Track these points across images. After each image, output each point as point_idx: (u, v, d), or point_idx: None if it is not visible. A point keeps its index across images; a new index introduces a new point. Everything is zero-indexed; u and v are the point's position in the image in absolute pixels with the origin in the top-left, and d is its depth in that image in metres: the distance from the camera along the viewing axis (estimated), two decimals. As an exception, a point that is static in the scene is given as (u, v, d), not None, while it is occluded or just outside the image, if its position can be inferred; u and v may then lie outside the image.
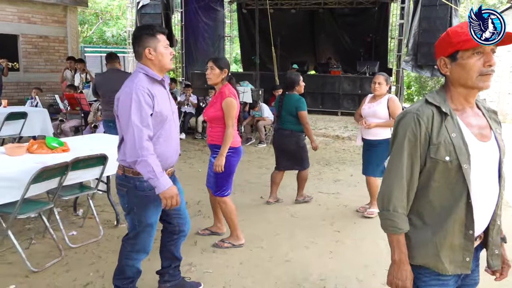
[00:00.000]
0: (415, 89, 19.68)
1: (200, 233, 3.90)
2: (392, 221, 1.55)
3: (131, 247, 2.56)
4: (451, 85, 1.56)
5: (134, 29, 2.36)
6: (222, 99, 3.37)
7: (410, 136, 1.50)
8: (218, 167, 3.38)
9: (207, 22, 15.54)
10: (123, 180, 2.43)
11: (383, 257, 3.51)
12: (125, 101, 2.28)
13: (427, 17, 12.05)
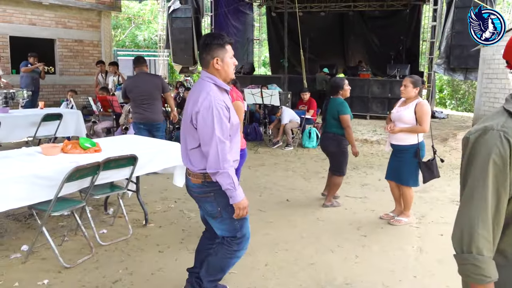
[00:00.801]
0: (447, 93, 19.18)
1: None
2: (476, 267, 1.26)
3: (238, 246, 2.61)
4: None
5: (204, 36, 2.50)
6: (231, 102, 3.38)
7: (496, 159, 1.23)
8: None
9: (237, 25, 15.69)
10: (207, 187, 2.46)
11: (410, 263, 3.45)
12: (207, 115, 2.33)
13: (461, 19, 11.74)
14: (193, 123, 2.38)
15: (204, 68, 2.46)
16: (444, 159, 7.35)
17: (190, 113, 2.40)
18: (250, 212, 4.58)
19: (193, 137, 2.42)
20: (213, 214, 2.53)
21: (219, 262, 2.65)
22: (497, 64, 10.14)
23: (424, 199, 5.13)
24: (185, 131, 2.49)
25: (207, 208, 2.53)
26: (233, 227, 2.55)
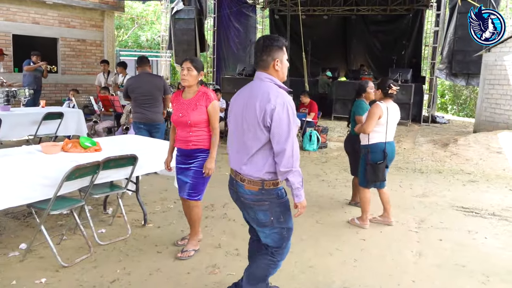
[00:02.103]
0: (449, 98, 19.17)
1: (179, 243, 3.69)
2: None
3: (281, 256, 2.60)
4: None
5: (263, 38, 2.48)
6: (208, 102, 3.34)
7: None
8: (211, 170, 3.39)
9: (238, 27, 15.73)
10: (263, 195, 2.42)
11: (409, 268, 3.44)
12: (282, 112, 2.31)
13: (463, 24, 11.74)
14: (263, 123, 2.33)
15: (261, 69, 2.44)
16: (445, 164, 7.36)
17: (257, 113, 2.33)
18: (249, 214, 4.57)
19: (258, 139, 2.36)
20: (265, 223, 2.48)
21: (261, 271, 2.63)
22: (499, 70, 10.13)
23: (424, 204, 5.12)
24: (241, 135, 2.43)
25: (259, 216, 2.47)
26: (282, 236, 2.53)
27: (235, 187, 2.52)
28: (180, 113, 3.38)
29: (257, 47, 2.45)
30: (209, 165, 3.38)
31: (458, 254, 3.72)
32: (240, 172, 2.45)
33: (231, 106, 2.56)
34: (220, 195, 5.21)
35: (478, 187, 6.03)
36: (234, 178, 2.51)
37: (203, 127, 3.36)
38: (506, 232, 4.27)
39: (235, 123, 2.49)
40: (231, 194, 2.62)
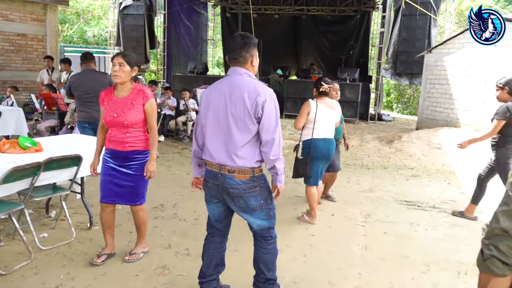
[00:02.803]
0: (394, 97, 19.99)
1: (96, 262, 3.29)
2: None
3: (274, 235, 2.85)
4: None
5: (240, 35, 2.55)
6: (145, 100, 3.14)
7: None
8: (153, 172, 3.18)
9: (189, 25, 15.54)
10: (254, 182, 2.55)
11: (356, 261, 3.56)
12: (271, 104, 2.46)
13: (407, 26, 12.31)
14: (254, 115, 2.43)
15: (239, 65, 2.54)
16: (389, 159, 7.66)
17: (247, 106, 2.42)
18: (201, 213, 4.54)
19: (248, 131, 2.47)
20: (255, 207, 2.61)
21: (272, 257, 2.85)
22: (439, 70, 10.69)
23: (370, 199, 5.30)
24: (227, 129, 2.48)
25: (251, 202, 2.58)
26: (269, 215, 2.72)
27: (219, 181, 2.54)
28: (114, 112, 3.11)
29: (235, 44, 2.52)
30: (151, 167, 3.18)
31: (401, 246, 3.89)
32: (228, 165, 2.50)
33: (206, 102, 2.57)
34: (170, 195, 5.13)
35: (420, 181, 6.33)
36: (219, 171, 2.53)
37: (140, 127, 3.16)
38: (445, 224, 4.52)
39: (216, 118, 2.52)
40: (210, 188, 2.62)
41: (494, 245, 1.15)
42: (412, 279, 3.28)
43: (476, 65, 9.64)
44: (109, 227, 3.35)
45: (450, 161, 7.49)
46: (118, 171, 3.19)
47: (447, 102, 10.46)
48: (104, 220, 3.32)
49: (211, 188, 2.62)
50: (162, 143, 8.39)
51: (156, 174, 3.30)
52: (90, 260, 3.30)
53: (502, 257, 1.13)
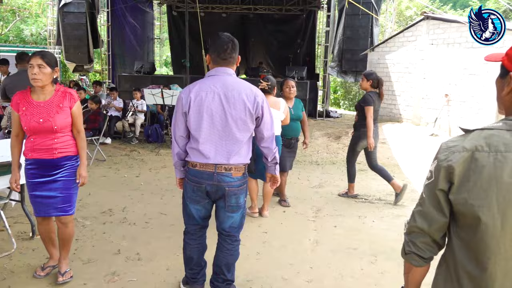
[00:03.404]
0: (341, 94, 20.60)
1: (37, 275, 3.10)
2: None
3: (239, 241, 2.87)
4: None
5: (228, 36, 2.60)
6: (73, 103, 2.91)
7: None
8: (86, 178, 2.99)
9: (135, 23, 15.14)
10: (244, 178, 2.68)
11: (307, 256, 3.63)
12: (266, 103, 2.62)
13: (351, 25, 12.71)
14: (256, 114, 2.57)
15: (227, 65, 2.59)
16: (338, 155, 7.88)
17: (248, 106, 2.52)
18: (151, 216, 4.45)
19: (248, 130, 2.58)
20: (241, 204, 2.71)
21: (235, 258, 2.85)
22: (381, 68, 11.14)
23: (320, 194, 5.44)
24: (227, 129, 2.53)
25: (241, 200, 2.68)
26: (243, 214, 2.80)
27: (215, 180, 2.57)
28: (40, 117, 2.80)
29: (226, 44, 2.56)
30: (84, 172, 2.97)
31: (350, 238, 4.02)
32: (225, 163, 2.56)
33: (196, 105, 2.51)
34: (119, 199, 4.99)
35: (366, 175, 6.57)
36: (214, 171, 2.56)
37: (68, 132, 2.93)
38: (390, 215, 4.72)
39: (211, 119, 2.52)
40: (202, 189, 2.61)
41: (412, 242, 1.28)
42: (361, 269, 3.40)
43: (416, 63, 10.14)
44: (50, 238, 3.14)
45: (394, 154, 7.83)
46: (46, 182, 2.90)
47: (390, 98, 10.94)
48: (43, 233, 3.11)
49: (203, 189, 2.61)
50: (109, 146, 8.13)
51: (105, 178, 3.18)
52: (33, 272, 3.13)
53: (419, 252, 1.27)
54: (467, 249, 1.20)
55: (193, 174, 2.61)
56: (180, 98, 2.59)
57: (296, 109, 4.84)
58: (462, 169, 1.16)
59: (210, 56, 2.60)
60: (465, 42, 8.70)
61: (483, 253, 1.16)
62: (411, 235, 1.30)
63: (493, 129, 1.18)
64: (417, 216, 1.27)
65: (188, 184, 2.67)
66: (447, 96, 9.14)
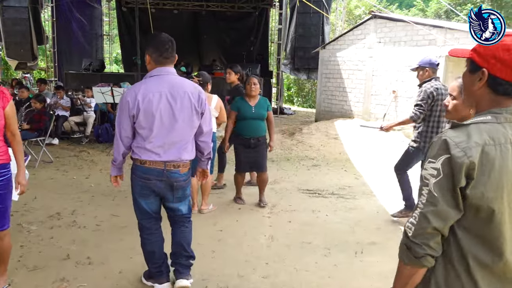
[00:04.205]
0: (294, 91, 20.90)
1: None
2: None
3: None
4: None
5: (167, 36, 2.64)
6: (6, 103, 2.62)
7: None
8: (25, 186, 2.77)
9: (82, 19, 14.56)
10: (189, 172, 2.83)
11: (263, 252, 3.66)
12: (206, 98, 2.76)
13: (302, 23, 12.91)
14: (201, 110, 2.70)
15: (169, 64, 2.66)
16: (292, 151, 8.01)
17: (194, 103, 2.64)
18: (102, 218, 4.32)
19: (194, 126, 2.71)
20: (187, 194, 2.89)
21: (191, 234, 3.02)
22: (333, 65, 11.41)
23: (275, 190, 5.49)
24: (177, 127, 2.61)
25: (187, 191, 2.87)
26: (189, 198, 2.98)
27: (165, 177, 2.67)
28: None
29: (168, 44, 2.61)
30: (23, 180, 2.73)
31: (304, 233, 4.09)
32: (175, 161, 2.66)
33: (145, 106, 2.54)
34: (67, 201, 4.80)
35: (320, 170, 6.72)
36: (164, 168, 2.65)
37: (0, 136, 2.63)
38: (343, 208, 4.85)
39: (159, 119, 2.57)
40: (151, 185, 2.69)
41: (426, 244, 1.23)
42: (316, 263, 3.47)
43: (365, 60, 10.46)
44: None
45: (345, 149, 8.06)
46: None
47: (341, 95, 11.22)
48: None
49: (152, 185, 2.69)
50: (56, 147, 7.78)
51: (52, 180, 3.04)
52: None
53: (433, 253, 1.24)
54: (478, 239, 1.22)
55: (142, 171, 2.68)
56: (125, 101, 2.59)
57: (258, 108, 4.65)
58: (479, 164, 1.17)
59: (151, 56, 2.62)
60: (410, 40, 9.08)
61: (497, 240, 1.20)
62: (423, 236, 1.23)
63: (488, 123, 1.22)
64: (430, 216, 1.21)
65: (136, 180, 2.73)
66: (395, 93, 9.51)
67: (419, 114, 4.14)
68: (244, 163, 4.75)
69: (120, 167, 2.85)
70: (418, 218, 1.24)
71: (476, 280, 1.23)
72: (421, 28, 8.53)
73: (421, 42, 8.71)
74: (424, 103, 4.12)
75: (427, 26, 8.69)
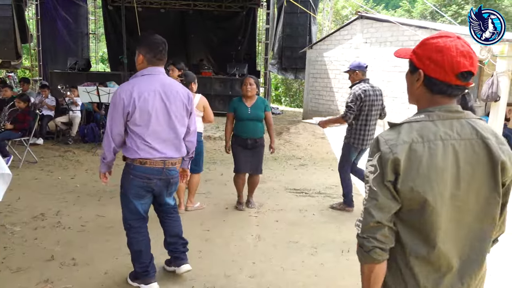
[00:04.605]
0: (282, 91, 20.94)
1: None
2: None
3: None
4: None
5: (161, 37, 2.78)
6: None
7: None
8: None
9: (68, 17, 14.37)
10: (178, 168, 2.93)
11: (250, 251, 3.66)
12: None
13: (290, 23, 12.95)
14: (190, 109, 2.83)
15: (161, 64, 2.75)
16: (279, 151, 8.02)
17: (185, 102, 2.77)
18: (88, 219, 4.28)
19: (185, 124, 2.83)
20: (176, 186, 3.01)
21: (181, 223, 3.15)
22: (320, 65, 11.47)
23: (262, 190, 5.49)
24: (172, 125, 2.72)
25: (177, 184, 2.99)
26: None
27: (163, 175, 2.77)
28: None
29: (161, 46, 2.72)
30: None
31: (291, 232, 4.10)
32: (173, 157, 2.78)
33: (141, 104, 2.61)
34: (52, 202, 4.74)
35: (307, 170, 6.74)
36: (163, 167, 2.75)
37: None
38: (329, 208, 4.88)
39: (156, 117, 2.65)
40: (150, 185, 2.77)
41: (372, 237, 1.29)
42: (302, 261, 3.49)
43: (351, 60, 10.53)
44: None
45: (332, 149, 8.10)
46: None
47: (328, 94, 11.29)
48: None
49: (152, 184, 2.77)
50: (41, 147, 7.68)
51: (36, 180, 3.00)
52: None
53: (381, 245, 1.29)
54: (414, 231, 1.29)
55: (142, 171, 2.72)
56: (119, 98, 2.62)
57: (255, 109, 4.53)
58: (405, 160, 1.24)
59: (145, 56, 2.69)
60: (396, 41, 9.17)
61: (430, 232, 1.26)
62: (369, 230, 1.29)
63: (419, 122, 1.29)
64: (373, 210, 1.28)
65: (133, 181, 2.75)
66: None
67: (349, 114, 4.51)
68: (243, 163, 4.63)
69: (111, 165, 2.90)
70: (363, 214, 1.31)
71: (415, 273, 1.29)
72: (406, 29, 8.62)
73: (407, 43, 8.80)
74: (353, 105, 4.47)
75: (412, 26, 8.79)
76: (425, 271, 1.29)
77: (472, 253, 1.31)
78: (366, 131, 4.62)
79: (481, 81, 8.68)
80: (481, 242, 1.32)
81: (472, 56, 1.26)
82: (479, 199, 1.29)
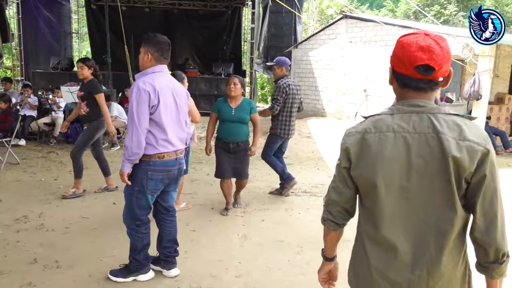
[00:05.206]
0: (268, 90, 20.96)
1: None
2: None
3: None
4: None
5: (162, 36, 2.97)
6: None
7: None
8: None
9: (50, 16, 14.15)
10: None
11: (236, 251, 3.66)
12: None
13: (275, 23, 12.99)
14: (188, 104, 3.09)
15: (167, 63, 2.91)
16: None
17: (185, 96, 3.02)
18: (72, 220, 4.23)
19: (186, 117, 3.04)
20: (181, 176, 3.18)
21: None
22: (305, 64, 11.52)
23: (248, 189, 5.48)
24: (180, 120, 2.94)
25: (180, 179, 3.15)
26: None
27: (178, 164, 2.96)
28: None
29: (168, 46, 2.90)
30: None
31: (277, 231, 4.11)
32: (182, 148, 2.98)
33: (161, 95, 2.76)
34: (35, 204, 4.67)
35: (293, 168, 6.76)
36: (176, 157, 2.92)
37: None
38: (315, 206, 4.91)
39: (170, 110, 2.84)
40: (167, 177, 2.93)
41: (328, 211, 1.52)
42: (288, 260, 3.50)
43: (336, 60, 10.60)
44: None
45: (318, 148, 8.14)
46: None
47: (314, 94, 11.35)
48: None
49: (171, 175, 2.95)
50: (23, 148, 7.54)
51: (19, 182, 2.96)
52: None
53: (334, 219, 1.52)
54: (367, 213, 1.42)
55: (163, 165, 2.85)
56: (145, 92, 2.70)
57: (239, 111, 4.37)
58: (356, 149, 1.38)
59: (153, 54, 2.83)
60: (380, 40, 9.27)
61: (377, 217, 1.37)
62: (328, 206, 1.52)
63: (381, 114, 1.40)
64: (331, 190, 1.50)
65: (154, 176, 2.84)
66: (366, 91, 9.68)
67: (276, 106, 4.89)
68: (225, 168, 4.45)
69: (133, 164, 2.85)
70: (327, 191, 1.53)
71: (367, 252, 1.42)
72: (390, 28, 8.71)
73: (391, 42, 8.90)
74: (280, 97, 4.86)
75: (396, 26, 8.89)
76: (376, 252, 1.40)
77: (425, 247, 1.32)
78: (291, 122, 5.06)
79: (463, 80, 8.82)
80: (437, 238, 1.31)
81: (433, 50, 1.29)
82: (433, 194, 1.30)
